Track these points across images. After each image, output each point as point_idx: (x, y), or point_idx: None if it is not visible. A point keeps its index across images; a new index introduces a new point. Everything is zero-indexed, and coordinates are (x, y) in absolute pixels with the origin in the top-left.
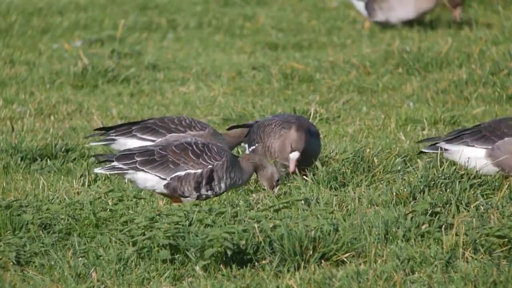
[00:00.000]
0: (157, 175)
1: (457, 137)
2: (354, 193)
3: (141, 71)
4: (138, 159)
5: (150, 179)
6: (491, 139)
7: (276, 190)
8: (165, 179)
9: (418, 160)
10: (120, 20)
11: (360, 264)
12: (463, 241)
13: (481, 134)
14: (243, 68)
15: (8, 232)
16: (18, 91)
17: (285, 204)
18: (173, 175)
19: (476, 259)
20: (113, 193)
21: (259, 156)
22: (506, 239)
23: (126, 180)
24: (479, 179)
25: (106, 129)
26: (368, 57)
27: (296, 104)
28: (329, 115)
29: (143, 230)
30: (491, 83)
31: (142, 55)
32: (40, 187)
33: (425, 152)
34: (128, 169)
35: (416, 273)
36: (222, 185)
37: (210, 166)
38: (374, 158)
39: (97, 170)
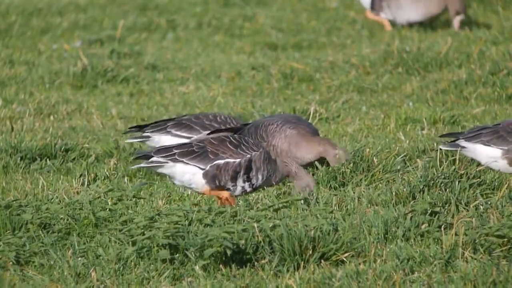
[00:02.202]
0: (196, 166)
1: (476, 135)
2: (354, 192)
3: (141, 71)
4: (176, 151)
5: (188, 171)
6: (507, 140)
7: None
8: (204, 168)
9: (418, 160)
10: (119, 20)
11: (359, 264)
12: (462, 241)
13: (498, 134)
14: (243, 68)
15: (8, 231)
16: (18, 91)
17: (285, 204)
18: (212, 164)
19: (475, 259)
20: (113, 193)
21: (296, 165)
22: (506, 239)
23: (167, 176)
24: (478, 179)
25: (140, 127)
26: (367, 57)
27: (296, 104)
28: (329, 114)
29: (142, 230)
30: (491, 83)
31: (141, 55)
32: (40, 186)
33: (443, 149)
34: (167, 161)
35: (416, 272)
36: (260, 176)
37: (248, 156)
38: (374, 157)
39: (136, 166)
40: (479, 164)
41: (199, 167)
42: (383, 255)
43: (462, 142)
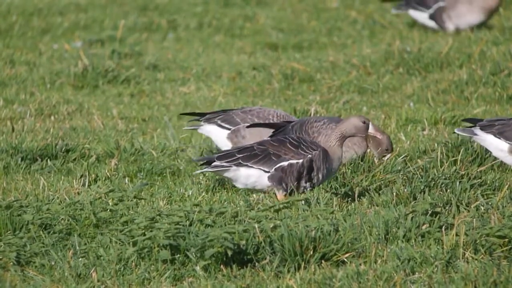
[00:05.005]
0: (260, 169)
1: (490, 125)
2: (355, 193)
3: (142, 71)
4: (239, 155)
5: (252, 174)
6: None
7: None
8: (268, 171)
9: (419, 160)
10: (120, 21)
11: (360, 264)
12: (463, 241)
13: (509, 128)
14: (244, 68)
15: (9, 232)
16: (19, 91)
17: (286, 204)
18: (277, 166)
19: (476, 259)
20: (113, 193)
21: (335, 132)
22: (507, 239)
23: (226, 179)
24: (479, 180)
25: (201, 115)
26: (368, 57)
27: (297, 104)
28: (330, 115)
29: (143, 230)
30: (492, 83)
31: (142, 55)
32: (41, 187)
33: (458, 134)
34: (231, 166)
35: (417, 273)
36: (320, 175)
37: (309, 156)
38: (375, 158)
39: (200, 171)
40: (480, 165)
41: (263, 170)
42: (383, 255)
43: (477, 130)
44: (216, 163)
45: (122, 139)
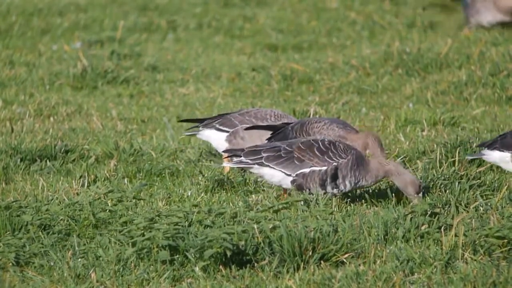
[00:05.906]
0: (282, 171)
1: (494, 141)
2: (354, 193)
3: (141, 72)
4: (264, 155)
5: (276, 175)
6: None
7: (419, 197)
8: (290, 175)
9: (418, 161)
10: (119, 21)
11: (359, 265)
12: (462, 242)
13: (510, 139)
14: (243, 69)
15: (8, 232)
16: (18, 92)
17: (285, 205)
18: (298, 172)
19: (475, 260)
20: (113, 194)
21: (394, 163)
22: (506, 240)
23: (251, 173)
24: (478, 180)
25: (200, 121)
26: (367, 58)
27: (296, 105)
28: (329, 116)
29: (142, 231)
30: (491, 84)
31: (141, 56)
32: (40, 188)
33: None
34: (254, 164)
35: (416, 274)
36: (347, 183)
37: (334, 164)
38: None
39: (224, 165)
40: (479, 165)
41: (285, 172)
42: (383, 256)
43: (484, 150)
44: (242, 159)
45: (121, 139)
